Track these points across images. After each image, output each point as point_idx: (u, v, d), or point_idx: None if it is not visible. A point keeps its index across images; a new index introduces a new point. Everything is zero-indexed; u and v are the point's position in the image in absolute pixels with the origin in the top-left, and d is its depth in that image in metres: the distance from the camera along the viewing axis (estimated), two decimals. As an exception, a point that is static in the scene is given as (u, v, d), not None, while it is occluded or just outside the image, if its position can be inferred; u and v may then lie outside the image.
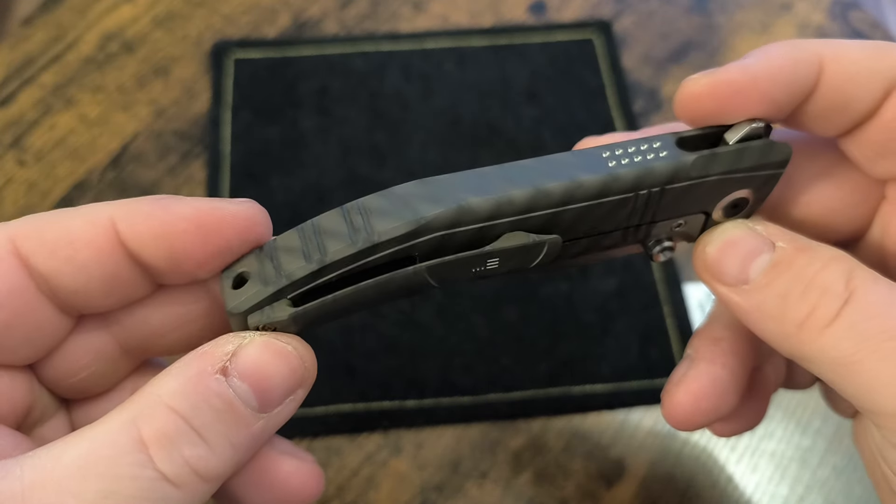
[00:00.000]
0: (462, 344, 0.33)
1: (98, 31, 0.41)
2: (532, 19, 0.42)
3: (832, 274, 0.16)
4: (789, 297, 0.16)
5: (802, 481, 0.31)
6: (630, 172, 0.17)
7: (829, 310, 0.16)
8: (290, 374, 0.16)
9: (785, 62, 0.17)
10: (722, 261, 0.17)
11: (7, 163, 0.37)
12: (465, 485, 0.31)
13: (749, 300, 0.17)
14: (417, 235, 0.15)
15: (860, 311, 0.16)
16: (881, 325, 0.15)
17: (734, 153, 0.17)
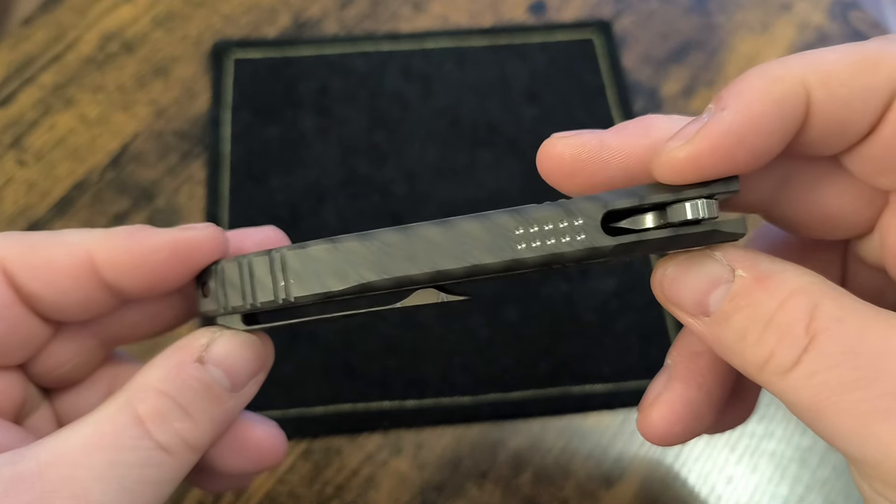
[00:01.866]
0: (462, 344, 0.33)
1: (98, 31, 0.41)
2: (532, 19, 0.42)
3: (793, 313, 0.15)
4: (747, 337, 0.15)
5: (802, 481, 0.31)
6: (536, 258, 0.16)
7: (787, 357, 0.15)
8: (254, 360, 0.19)
9: (767, 107, 0.15)
10: (680, 290, 0.16)
11: (7, 163, 0.37)
12: (465, 485, 0.31)
13: (709, 332, 0.16)
14: (329, 298, 0.17)
15: (821, 360, 0.14)
16: (842, 377, 0.14)
17: (665, 240, 0.15)
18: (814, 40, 0.41)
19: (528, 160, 0.37)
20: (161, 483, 0.17)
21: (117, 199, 0.36)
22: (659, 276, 0.17)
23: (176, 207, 0.36)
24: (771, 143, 0.15)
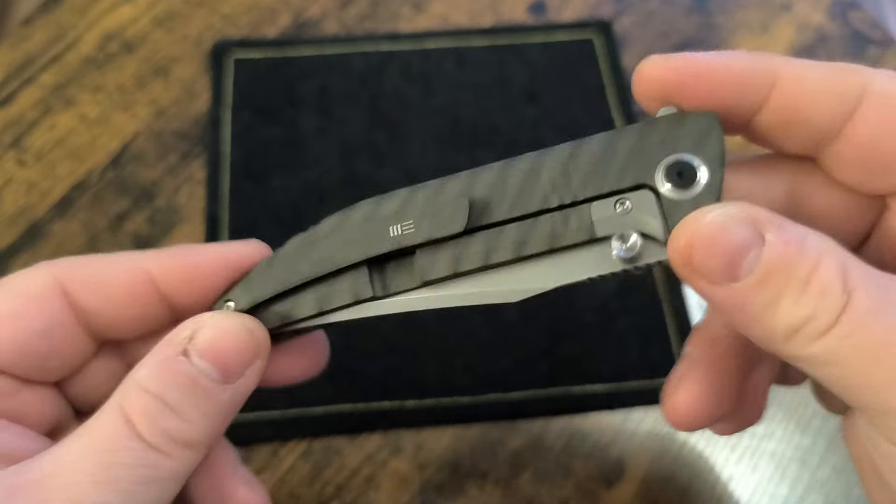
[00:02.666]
0: (462, 344, 0.33)
1: (98, 31, 0.41)
2: (532, 19, 0.42)
3: (828, 274, 0.15)
4: (782, 302, 0.15)
5: (802, 481, 0.31)
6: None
7: (827, 317, 0.15)
8: (241, 346, 0.18)
9: (743, 63, 0.17)
10: (709, 257, 0.15)
11: (7, 163, 0.37)
12: (465, 485, 0.31)
13: (736, 300, 0.15)
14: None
15: (858, 318, 0.15)
16: (879, 331, 0.15)
17: (639, 127, 0.17)
18: (813, 40, 0.41)
19: None
20: (159, 482, 0.17)
21: (117, 199, 0.36)
22: (680, 243, 0.16)
23: (176, 207, 0.36)
24: (735, 91, 0.17)
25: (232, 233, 0.35)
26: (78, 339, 0.20)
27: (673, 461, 0.31)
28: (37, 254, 0.35)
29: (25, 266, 0.34)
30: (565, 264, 0.18)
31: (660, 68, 0.17)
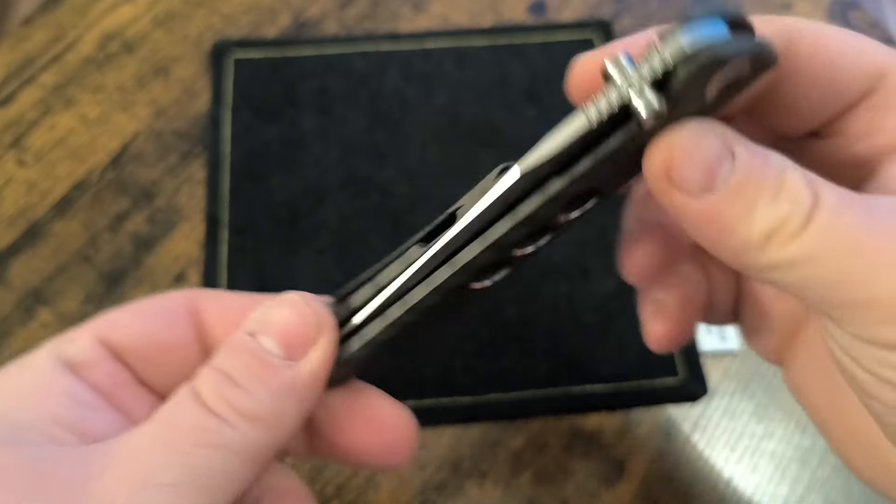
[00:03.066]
0: (462, 344, 0.33)
1: (98, 31, 0.41)
2: (532, 19, 0.42)
3: (795, 180, 0.16)
4: (757, 208, 0.16)
5: (802, 481, 0.31)
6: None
7: (801, 216, 0.15)
8: (303, 322, 0.18)
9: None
10: (687, 167, 0.16)
11: (7, 163, 0.37)
12: (466, 485, 0.31)
13: (711, 212, 0.16)
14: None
15: (830, 213, 0.15)
16: (852, 223, 0.15)
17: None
18: (814, 40, 0.41)
19: None
20: (219, 450, 0.17)
21: (117, 199, 0.36)
22: (658, 154, 0.16)
23: (176, 207, 0.36)
24: None
25: (232, 232, 0.35)
26: (195, 359, 0.20)
27: (673, 461, 0.31)
28: (37, 253, 0.35)
29: (25, 265, 0.34)
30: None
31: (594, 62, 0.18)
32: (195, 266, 0.35)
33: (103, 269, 0.35)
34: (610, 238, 0.35)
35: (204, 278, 0.34)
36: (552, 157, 0.17)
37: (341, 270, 0.34)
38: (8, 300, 0.34)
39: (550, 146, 0.17)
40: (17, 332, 0.33)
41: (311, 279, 0.34)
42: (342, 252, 0.35)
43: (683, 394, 0.32)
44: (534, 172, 0.17)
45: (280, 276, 0.34)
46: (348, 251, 0.35)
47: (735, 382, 0.33)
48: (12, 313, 0.34)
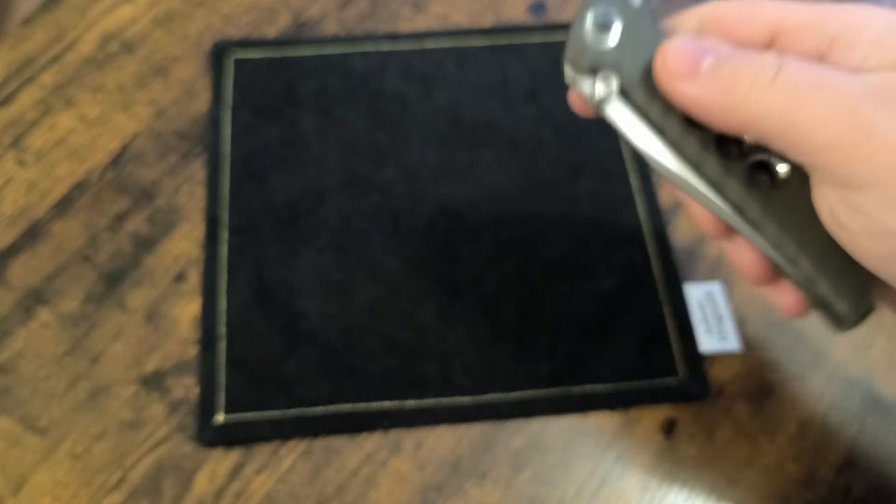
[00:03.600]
0: (462, 344, 0.33)
1: (98, 31, 0.41)
2: (532, 19, 0.42)
3: (764, 55, 0.21)
4: (736, 72, 0.21)
5: (802, 481, 0.31)
6: None
7: (769, 70, 0.20)
8: None
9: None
10: (678, 59, 0.22)
11: (7, 162, 0.37)
12: (465, 485, 0.31)
13: (704, 87, 0.21)
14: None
15: (793, 71, 0.20)
16: (812, 77, 0.20)
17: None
18: (814, 40, 0.41)
19: (527, 160, 0.37)
20: None
21: (117, 199, 0.36)
22: (661, 59, 0.22)
23: (176, 207, 0.36)
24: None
25: (232, 232, 0.35)
26: None
27: (673, 461, 0.31)
28: (37, 253, 0.35)
29: (25, 265, 0.34)
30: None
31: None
32: (195, 266, 0.35)
33: (103, 268, 0.35)
34: (610, 238, 0.35)
35: (204, 278, 0.34)
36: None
37: (341, 270, 0.34)
38: (8, 300, 0.34)
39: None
40: (17, 331, 0.33)
41: (312, 279, 0.34)
42: (342, 252, 0.35)
43: (683, 393, 0.32)
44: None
45: (280, 275, 0.34)
46: (348, 251, 0.35)
47: (735, 382, 0.33)
48: (12, 313, 0.34)
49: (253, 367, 0.32)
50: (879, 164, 0.19)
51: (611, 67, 0.23)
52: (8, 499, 0.30)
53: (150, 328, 0.33)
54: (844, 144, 0.19)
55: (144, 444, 0.31)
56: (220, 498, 0.30)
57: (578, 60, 0.23)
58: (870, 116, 0.19)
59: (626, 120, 0.23)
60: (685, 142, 0.23)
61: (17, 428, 0.31)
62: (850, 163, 0.20)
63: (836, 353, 0.33)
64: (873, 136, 0.19)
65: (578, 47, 0.23)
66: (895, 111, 0.19)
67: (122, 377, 0.32)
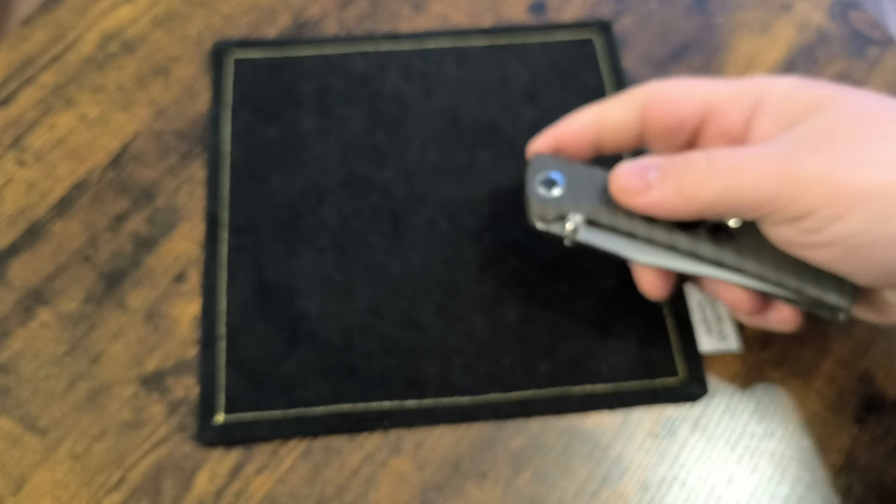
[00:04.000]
0: (462, 344, 0.33)
1: (98, 31, 0.41)
2: (532, 19, 0.42)
3: (694, 154, 0.27)
4: (681, 176, 0.26)
5: (803, 481, 0.31)
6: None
7: (703, 166, 0.26)
8: None
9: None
10: (629, 179, 0.28)
11: (7, 162, 0.37)
12: (465, 485, 0.31)
13: (657, 194, 0.27)
14: None
15: (721, 158, 0.26)
16: (736, 159, 0.26)
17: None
18: (814, 40, 0.41)
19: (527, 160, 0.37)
20: None
21: (117, 199, 0.36)
22: (616, 184, 0.28)
23: (176, 207, 0.36)
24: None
25: (232, 232, 0.35)
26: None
27: (673, 461, 0.31)
28: (36, 253, 0.35)
29: (25, 265, 0.34)
30: None
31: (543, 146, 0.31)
32: (195, 266, 0.35)
33: (103, 268, 0.35)
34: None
35: (204, 278, 0.34)
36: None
37: (341, 270, 0.34)
38: (8, 300, 0.34)
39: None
40: (17, 331, 0.33)
41: (312, 279, 0.34)
42: (342, 252, 0.35)
43: (683, 394, 0.32)
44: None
45: (280, 275, 0.34)
46: (348, 251, 0.35)
47: (735, 382, 0.33)
48: (12, 313, 0.34)
49: (253, 367, 0.32)
50: (812, 196, 0.24)
51: (572, 209, 0.29)
52: (8, 499, 0.30)
53: (150, 328, 0.33)
54: (781, 195, 0.24)
55: (144, 444, 0.31)
56: (219, 498, 0.30)
57: (545, 215, 0.29)
58: (790, 167, 0.24)
59: (601, 238, 0.29)
60: (654, 234, 0.28)
61: (17, 428, 0.31)
62: (790, 206, 0.25)
63: (835, 353, 0.33)
64: (799, 179, 0.24)
65: (541, 206, 0.29)
66: (804, 156, 0.24)
67: (122, 377, 0.32)
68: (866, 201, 0.23)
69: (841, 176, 0.24)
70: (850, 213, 0.24)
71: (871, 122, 0.25)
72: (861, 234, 0.24)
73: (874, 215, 0.24)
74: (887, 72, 0.40)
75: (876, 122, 0.25)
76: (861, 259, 0.25)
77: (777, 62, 0.41)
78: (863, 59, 0.41)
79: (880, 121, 0.25)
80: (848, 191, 0.24)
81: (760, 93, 0.28)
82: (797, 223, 0.25)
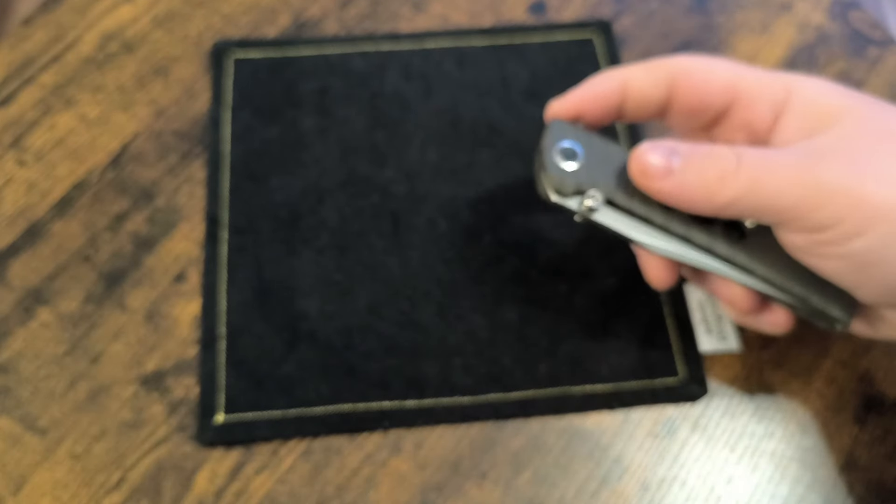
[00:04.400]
0: (462, 344, 0.33)
1: (98, 31, 0.41)
2: (532, 19, 0.42)
3: (722, 148, 0.26)
4: (705, 167, 0.25)
5: (803, 481, 0.31)
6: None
7: (732, 162, 0.25)
8: None
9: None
10: (651, 164, 0.26)
11: (7, 162, 0.37)
12: (465, 485, 0.31)
13: (676, 182, 0.26)
14: None
15: (750, 157, 0.25)
16: (764, 162, 0.25)
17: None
18: (814, 40, 0.41)
19: (528, 160, 0.37)
20: None
21: (117, 199, 0.36)
22: (636, 164, 0.26)
23: (176, 207, 0.36)
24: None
25: (232, 232, 0.35)
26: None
27: (673, 461, 0.31)
28: (36, 253, 0.35)
29: (25, 265, 0.34)
30: None
31: (561, 109, 0.29)
32: (195, 266, 0.35)
33: (103, 268, 0.35)
34: (609, 238, 0.35)
35: (204, 278, 0.34)
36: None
37: (341, 270, 0.34)
38: (8, 300, 0.34)
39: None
40: (17, 331, 0.33)
41: (312, 279, 0.34)
42: (342, 252, 0.35)
43: (683, 394, 0.32)
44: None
45: (280, 275, 0.34)
46: (348, 251, 0.35)
47: (735, 382, 0.33)
48: (12, 313, 0.34)
49: (253, 367, 0.32)
50: (834, 208, 0.24)
51: (591, 185, 0.27)
52: (8, 499, 0.30)
53: (149, 328, 0.33)
54: (804, 204, 0.24)
55: (144, 444, 0.31)
56: (219, 498, 0.30)
57: (563, 188, 0.27)
58: (816, 177, 0.24)
59: (617, 220, 0.27)
60: (671, 224, 0.27)
61: (17, 428, 0.31)
62: (811, 215, 0.24)
63: (835, 354, 0.33)
64: (823, 191, 0.24)
65: (559, 178, 0.27)
66: (831, 167, 0.24)
67: (122, 377, 0.32)
68: (887, 219, 0.23)
69: (866, 191, 0.24)
70: (870, 229, 0.24)
71: (894, 138, 0.25)
72: (875, 251, 0.24)
73: (892, 233, 0.24)
74: (887, 72, 0.40)
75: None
76: (869, 275, 0.25)
77: (777, 62, 0.41)
78: (863, 59, 0.41)
79: None
80: (870, 206, 0.23)
81: (789, 91, 0.27)
82: (813, 234, 0.25)
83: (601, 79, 0.29)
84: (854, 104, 0.26)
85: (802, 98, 0.27)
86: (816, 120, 0.26)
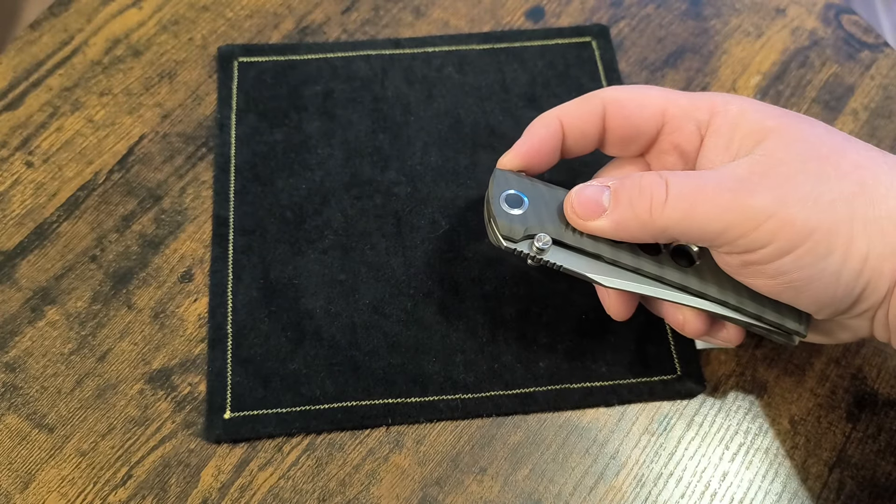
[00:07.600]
0: (464, 342, 0.33)
1: (105, 35, 0.41)
2: (530, 24, 0.42)
3: (649, 177, 0.27)
4: (634, 201, 0.27)
5: (796, 478, 0.32)
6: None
7: (661, 193, 0.26)
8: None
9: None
10: (583, 204, 0.28)
11: (15, 164, 0.38)
12: (465, 479, 0.31)
13: (610, 218, 0.27)
14: None
15: (678, 186, 0.26)
16: (694, 186, 0.26)
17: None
18: (807, 44, 0.42)
19: None
20: None
21: (124, 201, 0.37)
22: (570, 205, 0.28)
23: (182, 208, 0.37)
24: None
25: (238, 233, 0.36)
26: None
27: (668, 457, 0.32)
28: (44, 254, 0.35)
29: (33, 265, 0.35)
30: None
31: (510, 164, 0.30)
32: (201, 266, 0.35)
33: (110, 269, 0.35)
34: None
35: (210, 278, 0.35)
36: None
37: (345, 270, 0.35)
38: (16, 299, 0.34)
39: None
40: (25, 330, 0.34)
41: (317, 278, 0.35)
42: (346, 252, 0.35)
43: (680, 390, 0.33)
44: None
45: (286, 275, 0.35)
46: (352, 251, 0.35)
47: (730, 380, 0.33)
48: (20, 312, 0.34)
49: (259, 364, 0.33)
50: (762, 232, 0.25)
51: (539, 228, 0.28)
52: (15, 495, 0.31)
53: (156, 327, 0.34)
54: (734, 229, 0.25)
55: (151, 440, 0.32)
56: (225, 493, 0.31)
57: (512, 233, 0.28)
58: (742, 202, 0.25)
59: (567, 260, 0.28)
60: (620, 256, 0.28)
61: (25, 425, 0.32)
62: (740, 239, 0.25)
63: (828, 351, 0.34)
64: (753, 214, 0.25)
65: (508, 224, 0.28)
66: (756, 192, 0.25)
67: (129, 375, 0.33)
68: (811, 239, 0.24)
69: (790, 213, 0.25)
70: (794, 249, 0.25)
71: (817, 159, 0.25)
72: (802, 268, 0.25)
73: (817, 252, 0.25)
74: (880, 75, 0.41)
75: (822, 159, 0.25)
76: (799, 291, 0.26)
77: (771, 66, 0.41)
78: (856, 63, 0.41)
79: (824, 158, 0.25)
80: (794, 228, 0.24)
81: (713, 113, 0.28)
82: (745, 255, 0.26)
83: (539, 124, 0.30)
84: (778, 124, 0.27)
85: (725, 119, 0.28)
86: (740, 140, 0.27)
